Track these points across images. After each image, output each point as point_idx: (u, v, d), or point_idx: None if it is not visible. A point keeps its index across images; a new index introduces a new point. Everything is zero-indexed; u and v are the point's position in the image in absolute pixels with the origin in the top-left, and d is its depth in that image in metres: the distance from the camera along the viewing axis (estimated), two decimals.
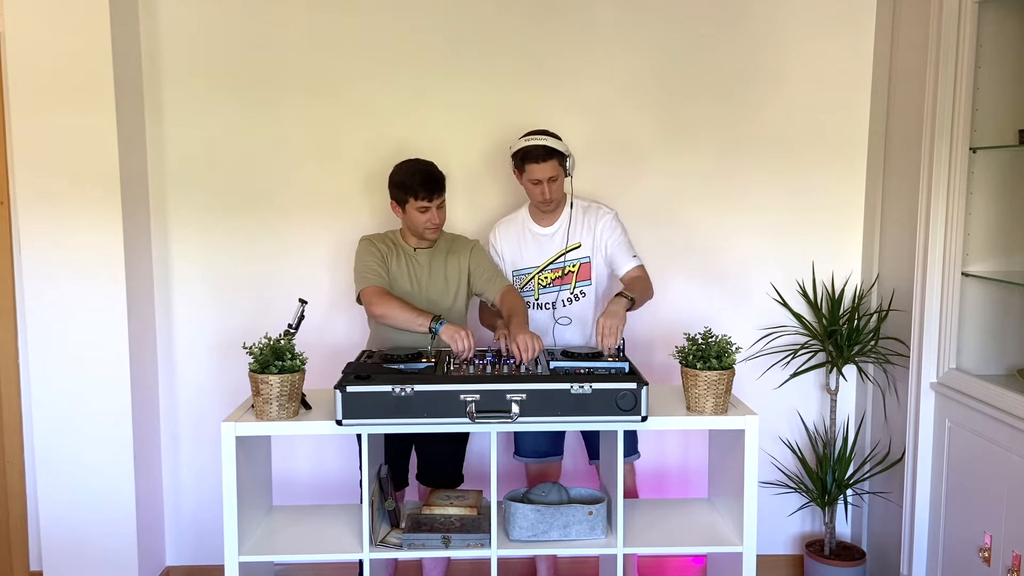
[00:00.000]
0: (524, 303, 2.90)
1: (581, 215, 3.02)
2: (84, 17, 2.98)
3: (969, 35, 2.57)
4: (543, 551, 2.78)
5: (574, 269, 3.02)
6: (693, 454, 3.48)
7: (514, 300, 2.86)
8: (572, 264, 3.02)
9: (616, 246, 3.00)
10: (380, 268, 2.87)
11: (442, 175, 2.88)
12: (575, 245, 3.02)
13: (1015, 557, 2.37)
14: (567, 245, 3.02)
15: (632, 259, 3.01)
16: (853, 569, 3.22)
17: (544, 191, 2.91)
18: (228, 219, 3.35)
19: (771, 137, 3.37)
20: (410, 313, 2.74)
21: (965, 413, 2.61)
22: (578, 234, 3.02)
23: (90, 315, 3.10)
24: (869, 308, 3.35)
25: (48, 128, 3.02)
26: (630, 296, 2.79)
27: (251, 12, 3.26)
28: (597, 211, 3.03)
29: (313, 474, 3.45)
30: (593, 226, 3.01)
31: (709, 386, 2.51)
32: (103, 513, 3.18)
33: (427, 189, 2.82)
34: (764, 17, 3.32)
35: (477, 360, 2.66)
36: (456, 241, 3.01)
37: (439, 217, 2.88)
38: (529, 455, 3.12)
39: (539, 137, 2.90)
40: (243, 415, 2.52)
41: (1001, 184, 2.66)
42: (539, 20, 3.30)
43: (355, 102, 3.31)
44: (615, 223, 3.02)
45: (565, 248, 3.02)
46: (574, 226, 3.02)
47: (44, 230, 3.07)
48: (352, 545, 2.57)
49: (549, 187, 2.90)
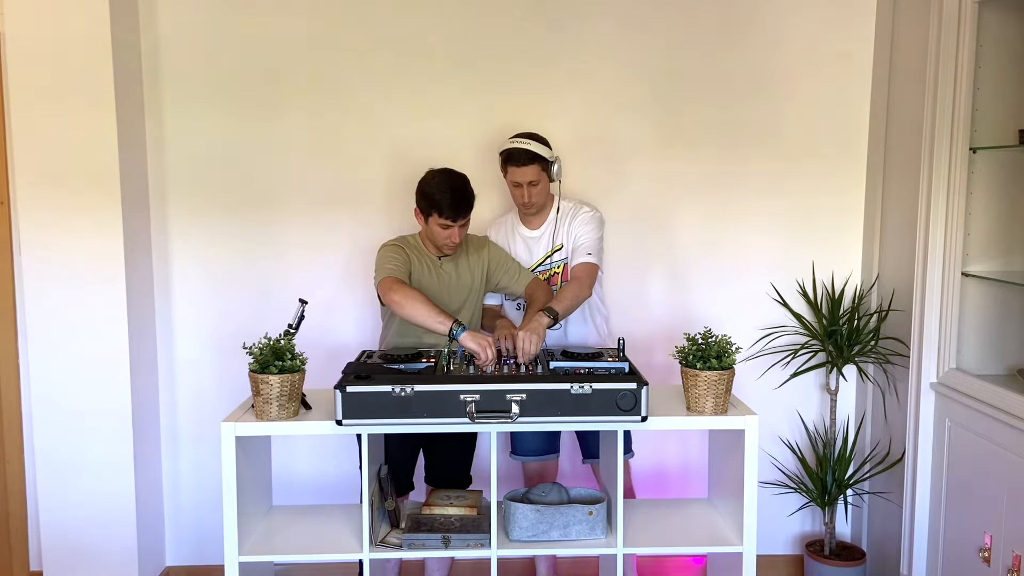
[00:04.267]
0: (549, 291, 2.92)
1: (567, 217, 3.02)
2: (84, 17, 2.98)
3: (969, 35, 2.57)
4: (543, 551, 2.78)
5: (559, 270, 3.02)
6: (693, 454, 3.48)
7: (535, 290, 2.91)
8: (557, 266, 3.03)
9: (582, 239, 2.96)
10: (403, 266, 2.81)
11: (472, 195, 2.79)
12: (558, 247, 3.02)
13: (1015, 557, 2.36)
14: (552, 247, 3.02)
15: (587, 256, 2.93)
16: (853, 569, 3.22)
17: (524, 194, 2.90)
18: (228, 219, 3.35)
19: (771, 137, 3.37)
20: (431, 310, 2.64)
21: (965, 413, 2.61)
22: (562, 236, 3.02)
23: (90, 315, 3.10)
24: (869, 308, 3.35)
25: (48, 128, 3.02)
26: (553, 314, 2.72)
27: (251, 12, 3.26)
28: (579, 209, 3.02)
29: (313, 474, 3.45)
30: (575, 227, 3.00)
31: (709, 386, 2.50)
32: (103, 513, 3.18)
33: (454, 211, 2.74)
34: (764, 17, 3.32)
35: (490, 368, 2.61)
36: (469, 242, 2.98)
37: (460, 236, 2.81)
38: (526, 453, 3.12)
39: (523, 140, 2.89)
40: (243, 415, 2.52)
41: (1001, 184, 2.66)
42: (538, 22, 3.30)
43: (355, 102, 3.31)
44: (591, 220, 2.99)
45: (551, 250, 3.02)
46: (559, 228, 3.01)
47: (44, 230, 3.07)
48: (352, 545, 2.57)
49: (529, 191, 2.90)
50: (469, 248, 2.97)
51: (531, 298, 2.91)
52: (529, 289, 2.94)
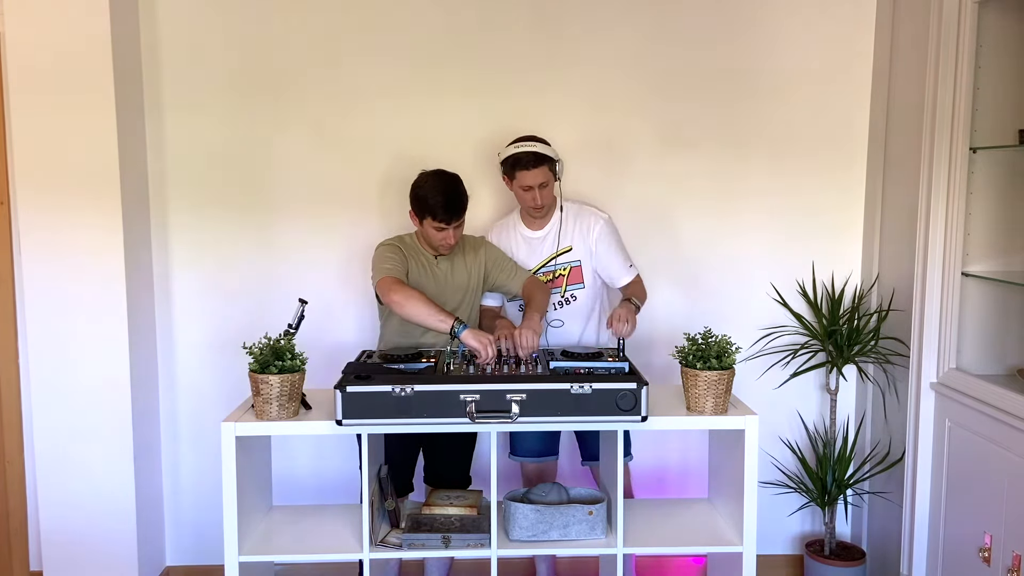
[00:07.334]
0: (546, 290, 2.94)
1: (572, 218, 3.02)
2: (84, 17, 2.98)
3: (969, 35, 2.57)
4: (543, 551, 2.79)
5: (564, 272, 3.02)
6: (693, 454, 3.48)
7: (532, 289, 2.91)
8: (563, 267, 3.02)
9: (612, 256, 3.01)
10: (401, 265, 2.83)
11: (465, 196, 2.81)
12: (566, 248, 3.02)
13: (1015, 557, 2.36)
14: (558, 249, 3.02)
15: (629, 270, 3.04)
16: (853, 569, 3.22)
17: (535, 197, 2.91)
18: (228, 218, 3.35)
19: (771, 137, 3.37)
20: (432, 308, 2.67)
21: (965, 413, 2.61)
22: (569, 237, 3.02)
23: (90, 315, 3.10)
24: (869, 308, 3.35)
25: (48, 128, 3.02)
26: (636, 304, 2.90)
27: (251, 11, 3.26)
28: (589, 216, 3.03)
29: (313, 474, 3.45)
30: (586, 232, 3.01)
31: (709, 386, 2.51)
32: (103, 513, 3.18)
33: (447, 213, 2.76)
34: (764, 17, 3.32)
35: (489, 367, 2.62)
36: (465, 242, 2.99)
37: (455, 237, 2.83)
38: (525, 455, 3.12)
39: (529, 144, 2.89)
40: (243, 415, 2.53)
41: (1001, 184, 2.65)
42: (539, 23, 3.30)
43: (355, 102, 3.31)
44: (609, 231, 3.02)
45: (556, 252, 3.02)
46: (564, 229, 3.01)
47: (44, 230, 3.07)
48: (352, 545, 2.57)
49: (540, 193, 2.90)
50: (466, 248, 2.97)
51: (528, 298, 2.91)
52: (526, 288, 2.95)
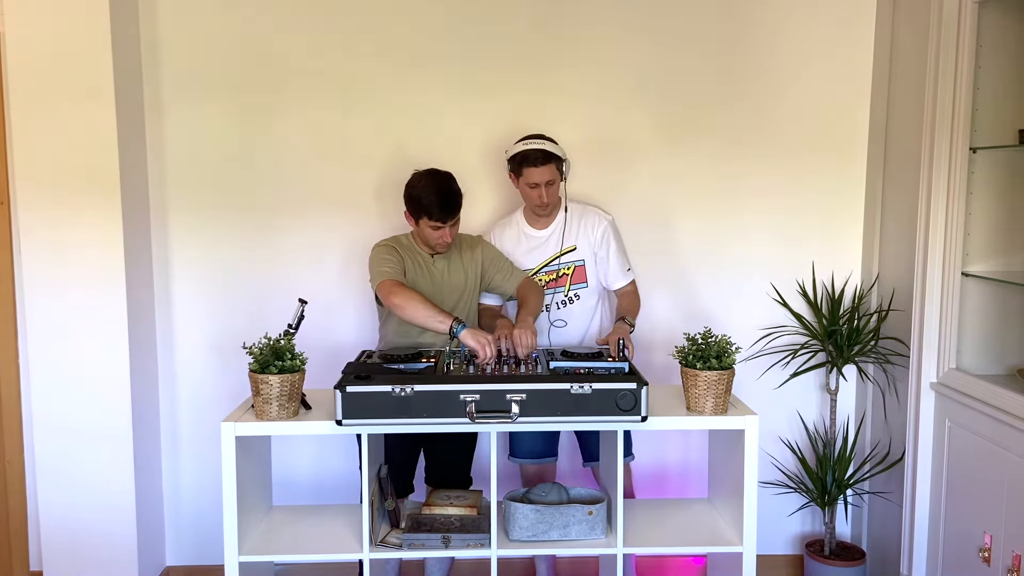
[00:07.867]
0: (540, 292, 2.94)
1: (576, 218, 3.02)
2: (84, 17, 2.98)
3: (969, 35, 2.57)
4: (543, 551, 2.78)
5: (568, 272, 3.02)
6: (693, 454, 3.48)
7: (526, 291, 2.91)
8: (567, 267, 3.02)
9: (612, 258, 3.03)
10: (398, 266, 2.84)
11: (459, 194, 2.81)
12: (570, 248, 3.02)
13: (1015, 557, 2.36)
14: (562, 248, 3.02)
15: (626, 274, 3.06)
16: (853, 569, 3.22)
17: (542, 195, 2.91)
18: (229, 219, 3.35)
19: (771, 137, 3.37)
20: (431, 310, 2.68)
21: (965, 413, 2.61)
22: (573, 237, 3.02)
23: (90, 315, 3.10)
24: (869, 308, 3.35)
25: (48, 128, 3.02)
26: (631, 323, 2.92)
27: (251, 12, 3.26)
28: (593, 217, 3.04)
29: (313, 474, 3.45)
30: (590, 232, 3.02)
31: (709, 386, 2.51)
32: (103, 513, 3.17)
33: (442, 211, 2.76)
34: (764, 18, 3.32)
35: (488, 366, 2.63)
36: (462, 241, 2.99)
37: (451, 235, 2.83)
38: (525, 456, 3.12)
39: (537, 141, 2.90)
40: (243, 415, 2.52)
41: (1001, 184, 2.65)
42: (539, 22, 3.30)
43: (355, 102, 3.31)
44: (612, 232, 3.04)
45: (560, 251, 3.02)
46: (569, 229, 3.02)
47: (44, 231, 3.07)
48: (352, 545, 2.57)
49: (547, 191, 2.91)
50: (462, 246, 2.97)
51: (523, 299, 2.91)
52: (521, 289, 2.95)
